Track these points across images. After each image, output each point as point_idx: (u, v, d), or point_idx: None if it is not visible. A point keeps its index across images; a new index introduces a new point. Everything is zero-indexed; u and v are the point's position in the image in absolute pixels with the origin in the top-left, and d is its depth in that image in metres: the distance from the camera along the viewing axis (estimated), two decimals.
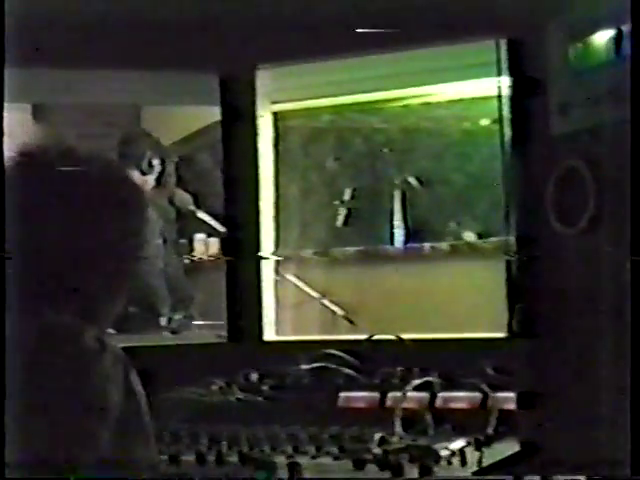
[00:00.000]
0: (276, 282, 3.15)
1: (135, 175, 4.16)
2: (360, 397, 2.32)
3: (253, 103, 2.84)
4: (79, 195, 1.61)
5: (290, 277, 3.78)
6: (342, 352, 2.50)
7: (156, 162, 4.34)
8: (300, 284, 3.84)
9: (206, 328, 3.59)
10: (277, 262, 3.19)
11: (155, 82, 2.94)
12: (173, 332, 3.45)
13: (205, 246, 4.69)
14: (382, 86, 3.13)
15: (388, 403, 2.28)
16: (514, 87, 2.75)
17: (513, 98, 2.81)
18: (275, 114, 3.15)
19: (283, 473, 1.91)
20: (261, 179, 3.00)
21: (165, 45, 2.75)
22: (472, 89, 3.21)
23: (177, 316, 3.66)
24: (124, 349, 1.55)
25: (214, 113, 3.01)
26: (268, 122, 3.08)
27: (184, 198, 4.09)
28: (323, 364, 2.46)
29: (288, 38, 2.68)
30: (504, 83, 2.77)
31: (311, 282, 3.84)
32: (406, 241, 4.36)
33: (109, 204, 1.63)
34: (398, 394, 2.25)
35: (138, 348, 2.80)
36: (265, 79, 2.85)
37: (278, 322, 2.97)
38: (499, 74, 2.71)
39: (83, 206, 1.60)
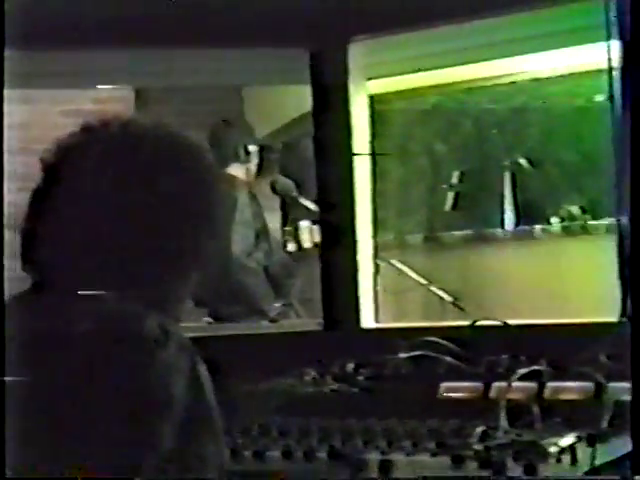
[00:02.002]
0: (377, 268, 2.97)
1: (233, 165, 4.08)
2: (462, 387, 2.12)
3: (345, 80, 2.65)
4: (140, 172, 1.47)
5: (395, 262, 3.61)
6: (444, 339, 2.30)
7: (253, 149, 4.22)
8: (405, 269, 3.67)
9: (307, 316, 3.45)
10: (377, 247, 3.01)
11: (250, 62, 2.79)
12: (272, 321, 3.31)
13: (310, 233, 4.56)
14: (484, 56, 2.91)
15: (492, 394, 2.08)
16: (625, 53, 2.49)
17: (624, 67, 2.54)
18: (371, 96, 2.96)
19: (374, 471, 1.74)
20: (357, 162, 2.82)
21: (257, 23, 2.59)
22: (584, 62, 2.99)
23: (277, 304, 3.52)
24: (221, 338, 1.41)
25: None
26: (365, 104, 2.90)
27: (286, 184, 3.96)
28: (423, 352, 2.27)
29: (382, 7, 2.49)
30: (614, 49, 2.51)
31: (418, 267, 3.68)
32: (516, 224, 4.18)
33: (172, 182, 1.48)
34: (503, 384, 2.05)
35: (234, 337, 2.71)
36: (358, 53, 2.66)
37: (378, 309, 2.80)
38: (608, 39, 2.46)
39: (144, 183, 1.46)
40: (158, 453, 1.32)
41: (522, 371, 2.07)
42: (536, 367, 2.10)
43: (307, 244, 4.58)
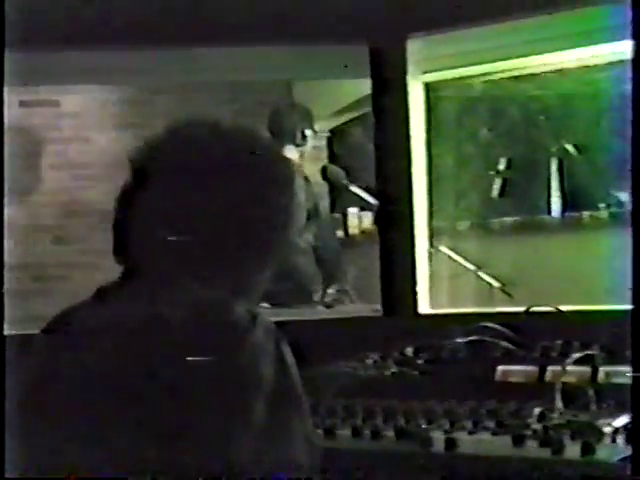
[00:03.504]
0: (430, 255, 3.10)
1: (288, 148, 4.19)
2: (518, 371, 2.27)
3: (404, 73, 2.79)
4: (228, 171, 1.62)
5: (445, 249, 3.74)
6: (499, 325, 2.44)
7: (309, 134, 4.34)
8: (455, 256, 3.79)
9: (361, 302, 3.59)
10: (431, 234, 3.14)
11: (304, 56, 2.93)
12: (327, 306, 3.45)
13: (359, 220, 4.69)
14: (535, 50, 3.03)
15: (547, 377, 2.21)
16: None
17: None
18: (427, 84, 3.10)
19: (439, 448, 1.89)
20: (413, 150, 2.95)
21: (313, 18, 2.73)
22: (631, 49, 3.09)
23: (331, 290, 3.66)
24: (278, 323, 1.56)
25: (365, 85, 2.97)
26: (420, 92, 3.03)
27: (337, 172, 4.08)
28: (479, 337, 2.41)
29: (438, 5, 2.63)
30: None
31: (467, 254, 3.80)
32: (564, 210, 4.27)
33: (256, 179, 1.63)
34: (558, 368, 2.18)
35: (293, 322, 2.84)
36: (416, 48, 2.79)
37: (432, 295, 2.94)
38: None
39: (231, 181, 1.61)
40: (251, 429, 1.47)
41: (576, 355, 2.20)
42: (589, 352, 2.23)
43: (354, 231, 4.71)
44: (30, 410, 1.55)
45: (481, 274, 3.74)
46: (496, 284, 3.76)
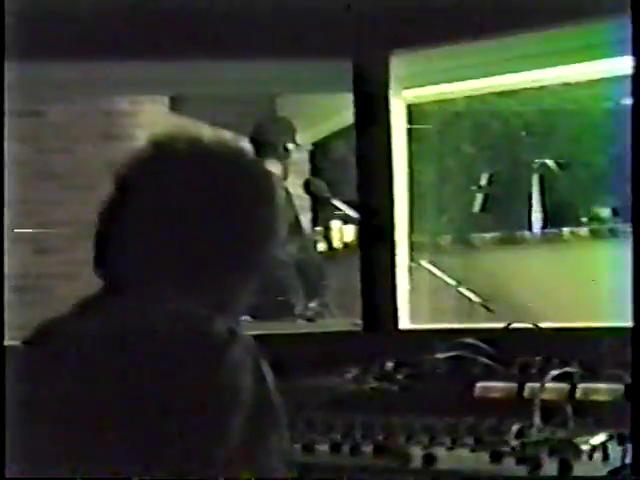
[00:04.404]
0: (411, 269, 3.10)
1: (271, 161, 4.20)
2: (497, 387, 2.26)
3: (387, 88, 2.80)
4: (209, 185, 1.61)
5: (426, 264, 3.74)
6: (479, 341, 2.45)
7: (292, 147, 4.36)
8: (436, 271, 3.80)
9: (341, 316, 3.59)
10: (412, 249, 3.15)
11: (288, 71, 2.93)
12: (308, 320, 3.46)
13: (341, 233, 4.71)
14: (516, 68, 3.04)
15: (526, 394, 2.21)
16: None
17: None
18: (409, 105, 3.10)
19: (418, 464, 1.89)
20: (395, 164, 2.95)
21: (297, 33, 2.74)
22: (613, 67, 3.11)
23: (312, 304, 3.67)
24: (258, 337, 1.56)
25: (347, 100, 2.97)
26: (402, 108, 3.04)
27: (319, 185, 4.09)
28: (459, 353, 2.41)
29: (420, 22, 2.64)
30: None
31: (447, 269, 3.80)
32: (544, 226, 4.29)
33: (238, 193, 1.63)
34: (537, 384, 2.18)
35: (273, 336, 2.85)
36: (399, 64, 2.80)
37: (413, 310, 2.94)
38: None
39: (213, 196, 1.61)
40: (227, 445, 1.46)
41: (554, 372, 2.21)
42: (568, 369, 2.23)
43: (337, 244, 4.73)
44: (8, 422, 1.55)
45: (461, 289, 3.76)
46: (476, 299, 3.78)
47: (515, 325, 2.55)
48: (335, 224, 4.72)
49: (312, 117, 4.84)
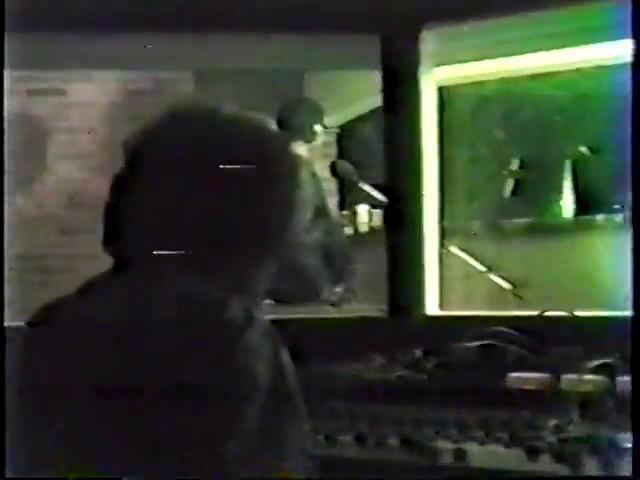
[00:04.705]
0: (440, 255, 2.96)
1: (297, 143, 4.06)
2: (531, 378, 2.11)
3: (416, 66, 2.64)
4: (227, 161, 1.48)
5: (455, 250, 3.60)
6: (511, 329, 2.30)
7: (319, 129, 4.20)
8: (466, 257, 3.66)
9: (367, 302, 3.45)
10: (442, 234, 3.00)
11: (316, 46, 2.78)
12: (333, 305, 3.31)
13: (369, 217, 4.56)
14: (552, 45, 2.88)
15: (563, 386, 2.06)
16: None
17: None
18: (439, 87, 2.95)
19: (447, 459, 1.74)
20: (425, 147, 2.80)
21: (325, 6, 2.59)
22: None
23: (337, 289, 3.52)
24: (279, 321, 1.43)
25: (375, 82, 2.82)
26: (432, 89, 2.88)
27: (346, 168, 3.95)
28: (491, 341, 2.26)
29: None
30: None
31: (478, 255, 3.66)
32: (577, 212, 4.14)
33: (258, 171, 1.49)
34: (574, 376, 2.03)
35: (295, 320, 2.71)
36: (430, 40, 2.65)
37: (442, 297, 2.79)
38: None
39: (231, 173, 1.47)
40: (243, 436, 1.33)
41: (594, 363, 2.06)
42: (607, 360, 2.08)
43: (364, 228, 4.58)
44: (12, 407, 1.43)
45: (492, 276, 3.62)
46: (507, 286, 3.64)
47: (549, 313, 2.39)
48: (362, 208, 4.56)
49: (340, 99, 4.69)
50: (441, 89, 2.99)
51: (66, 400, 1.39)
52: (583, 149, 4.21)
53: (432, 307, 2.69)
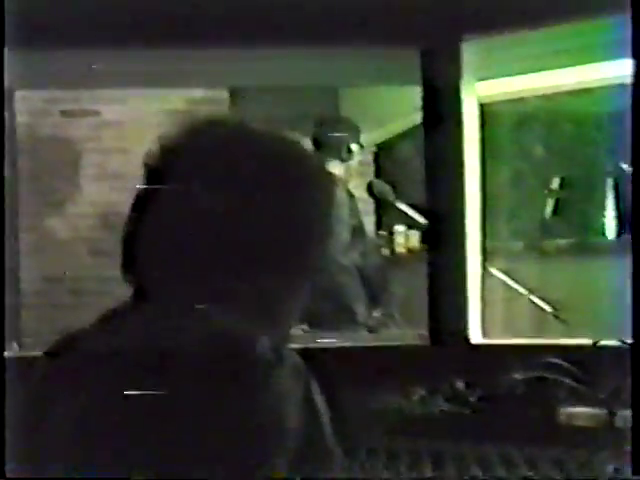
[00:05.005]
0: (483, 278, 2.79)
1: (333, 163, 3.92)
2: (585, 414, 1.94)
3: (458, 79, 2.49)
4: (254, 180, 1.33)
5: (496, 272, 3.43)
6: (559, 358, 2.12)
7: (355, 148, 4.06)
8: (507, 279, 3.49)
9: (407, 327, 3.29)
10: (484, 256, 2.83)
11: (352, 61, 2.64)
12: (371, 330, 3.16)
13: (405, 238, 4.40)
14: (596, 57, 2.72)
15: (618, 423, 1.89)
16: None
17: None
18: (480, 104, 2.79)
19: None
20: (465, 166, 2.64)
21: (361, 20, 2.44)
22: None
23: (376, 314, 3.37)
24: (313, 350, 1.27)
25: (414, 99, 2.66)
26: (474, 105, 2.72)
27: (383, 188, 3.81)
28: (540, 373, 2.09)
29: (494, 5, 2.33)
30: None
31: (518, 277, 3.49)
32: (619, 232, 3.97)
33: (289, 190, 1.34)
34: (630, 412, 1.86)
35: (330, 349, 2.56)
36: (471, 52, 2.49)
37: (484, 321, 2.62)
38: None
39: (259, 193, 1.32)
40: None
41: None
42: None
43: (401, 249, 4.42)
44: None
45: (533, 298, 3.45)
46: (548, 308, 3.48)
47: (603, 342, 2.22)
48: (399, 228, 4.41)
49: (377, 117, 4.55)
50: (482, 105, 2.82)
51: (83, 432, 1.25)
52: (625, 167, 4.05)
53: (475, 335, 2.52)
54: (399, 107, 4.02)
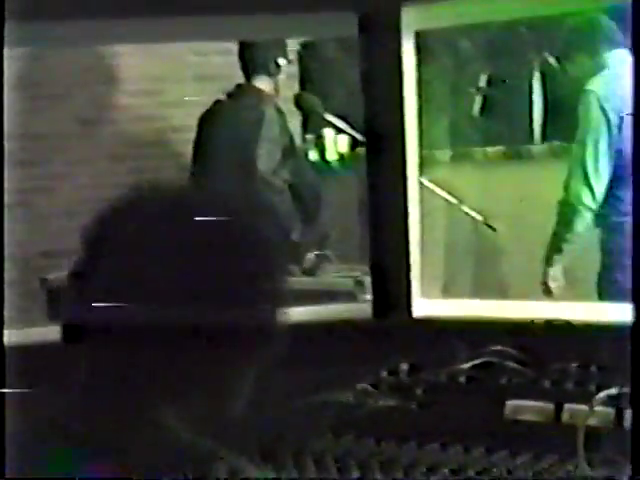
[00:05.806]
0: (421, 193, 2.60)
1: (261, 78, 3.72)
2: (531, 407, 1.84)
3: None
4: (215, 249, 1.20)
5: (427, 182, 3.29)
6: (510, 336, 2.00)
7: (283, 62, 3.85)
8: (437, 190, 3.36)
9: (343, 265, 3.14)
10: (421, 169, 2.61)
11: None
12: (305, 272, 3.01)
13: (334, 143, 4.22)
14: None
15: (565, 418, 1.79)
16: None
17: None
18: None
19: None
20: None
21: None
22: None
23: (310, 255, 3.21)
24: None
25: None
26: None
27: (311, 100, 3.61)
28: (487, 359, 1.97)
29: None
30: None
31: (448, 187, 3.37)
32: (544, 124, 3.89)
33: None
34: (579, 407, 1.76)
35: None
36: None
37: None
38: None
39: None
40: None
41: (607, 392, 1.76)
42: (611, 391, 1.79)
43: (332, 155, 4.25)
44: None
45: (464, 208, 3.36)
46: (479, 217, 3.41)
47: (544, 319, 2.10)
48: (328, 132, 4.22)
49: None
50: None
51: None
52: (551, 60, 3.91)
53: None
54: None
